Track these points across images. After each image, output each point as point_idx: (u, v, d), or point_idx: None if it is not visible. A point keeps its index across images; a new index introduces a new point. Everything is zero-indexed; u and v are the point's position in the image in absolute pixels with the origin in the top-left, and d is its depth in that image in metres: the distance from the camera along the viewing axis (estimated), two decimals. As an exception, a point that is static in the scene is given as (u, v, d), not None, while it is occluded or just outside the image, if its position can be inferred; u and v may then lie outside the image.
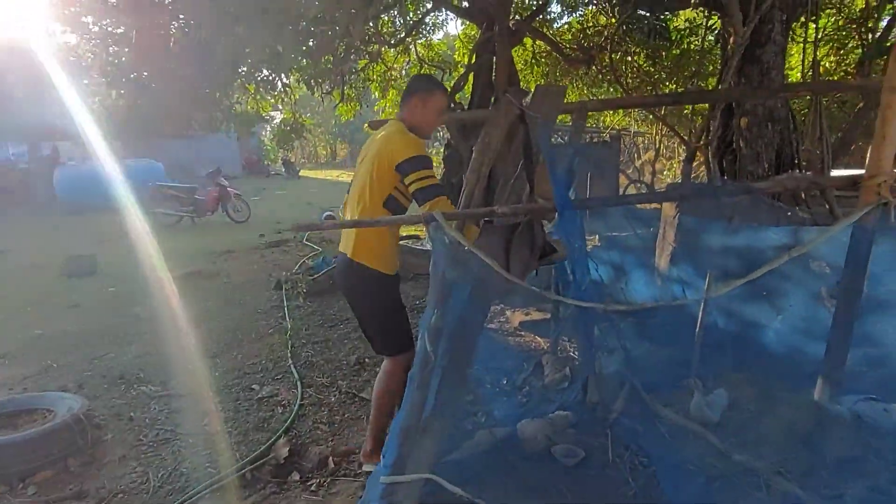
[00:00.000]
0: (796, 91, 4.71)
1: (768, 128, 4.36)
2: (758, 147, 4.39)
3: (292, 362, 4.17)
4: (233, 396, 3.70)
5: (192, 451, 3.06)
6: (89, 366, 4.24)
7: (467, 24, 10.46)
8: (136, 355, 4.42)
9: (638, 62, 9.48)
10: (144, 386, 3.88)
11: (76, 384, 3.92)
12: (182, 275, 6.89)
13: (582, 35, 9.88)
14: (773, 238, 3.31)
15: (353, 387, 3.76)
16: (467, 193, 1.92)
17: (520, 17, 8.88)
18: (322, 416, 3.40)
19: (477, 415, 3.18)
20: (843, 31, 8.66)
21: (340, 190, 20.57)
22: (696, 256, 3.75)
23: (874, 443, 2.48)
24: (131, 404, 3.63)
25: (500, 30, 7.01)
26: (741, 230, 3.52)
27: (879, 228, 1.63)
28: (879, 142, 1.47)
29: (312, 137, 39.32)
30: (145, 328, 5.03)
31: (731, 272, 3.38)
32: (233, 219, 11.95)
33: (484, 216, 1.85)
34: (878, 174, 1.44)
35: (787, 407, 2.64)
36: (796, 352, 3.03)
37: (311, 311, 5.44)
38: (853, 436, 2.20)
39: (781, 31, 4.30)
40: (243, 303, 5.89)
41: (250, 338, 4.80)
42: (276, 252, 8.67)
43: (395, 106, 11.55)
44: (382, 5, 5.95)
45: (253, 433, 3.23)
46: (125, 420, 3.44)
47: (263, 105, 9.39)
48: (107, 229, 10.49)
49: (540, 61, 10.61)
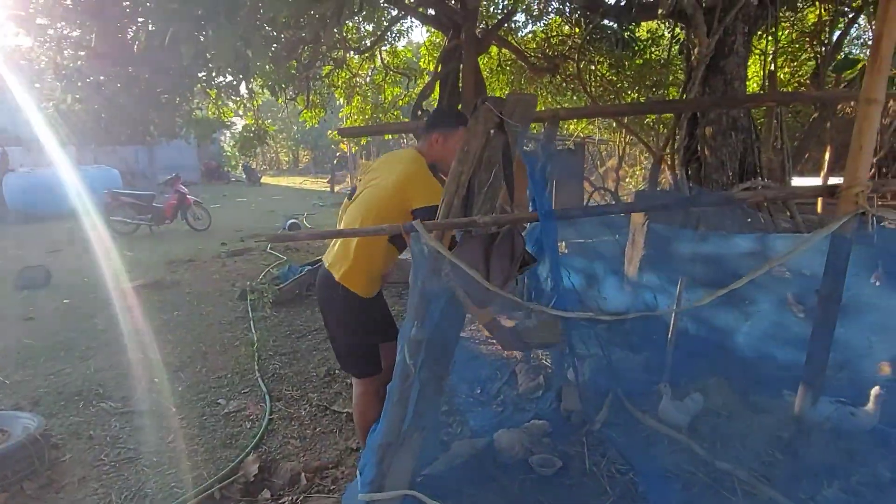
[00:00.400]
0: (761, 101, 4.84)
1: (732, 137, 4.47)
2: (722, 155, 4.49)
3: (259, 375, 4.05)
4: (198, 412, 3.56)
5: (157, 471, 2.93)
6: (45, 382, 4.04)
7: (433, 32, 10.46)
8: (94, 370, 4.23)
9: (601, 71, 9.65)
10: (104, 402, 3.71)
11: (31, 402, 3.72)
12: (141, 285, 6.66)
13: (546, 44, 10.00)
14: (740, 245, 3.38)
15: (324, 399, 3.67)
16: (447, 203, 1.89)
17: (486, 25, 8.93)
18: (293, 430, 3.31)
19: (453, 426, 3.14)
20: (797, 43, 8.99)
21: (303, 196, 20.32)
22: (665, 263, 3.80)
23: (843, 445, 2.55)
24: (90, 422, 3.46)
25: (467, 38, 7.02)
26: (709, 238, 3.59)
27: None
28: (856, 152, 1.50)
29: (274, 144, 38.77)
30: (103, 342, 4.83)
31: (700, 279, 3.44)
32: (193, 227, 11.64)
33: (465, 226, 1.81)
34: (855, 184, 1.47)
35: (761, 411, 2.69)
36: (766, 356, 3.09)
37: (277, 322, 5.31)
38: (826, 439, 2.24)
39: (743, 42, 4.42)
40: (206, 314, 5.72)
41: (215, 350, 4.65)
42: (239, 261, 8.47)
43: (360, 113, 11.48)
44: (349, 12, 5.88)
45: (220, 450, 3.11)
46: (84, 439, 3.27)
47: (225, 111, 9.18)
48: (60, 239, 10.09)
49: (505, 69, 10.69)
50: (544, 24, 10.27)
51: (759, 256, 3.24)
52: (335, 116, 18.87)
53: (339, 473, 2.88)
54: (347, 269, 2.45)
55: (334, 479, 2.82)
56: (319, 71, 9.24)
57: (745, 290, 3.40)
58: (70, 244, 9.32)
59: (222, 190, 22.30)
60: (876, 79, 1.53)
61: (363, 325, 2.57)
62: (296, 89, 8.54)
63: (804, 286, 3.16)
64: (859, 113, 1.50)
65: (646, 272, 3.86)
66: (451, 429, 3.11)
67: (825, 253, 1.75)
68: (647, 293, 3.76)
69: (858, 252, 1.93)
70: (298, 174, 34.58)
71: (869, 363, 2.99)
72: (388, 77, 10.85)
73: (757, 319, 3.32)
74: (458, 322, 2.28)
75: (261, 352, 4.53)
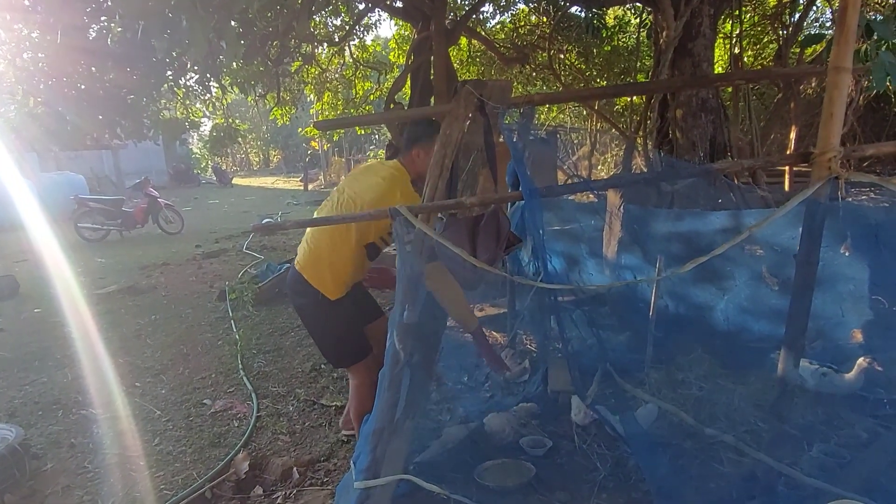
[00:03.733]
0: (730, 80, 4.94)
1: (701, 118, 4.56)
2: (693, 136, 4.58)
3: (244, 374, 4.01)
4: (183, 413, 3.52)
5: (145, 474, 2.89)
6: (20, 392, 3.93)
7: (401, 25, 10.42)
8: (71, 378, 4.13)
9: (570, 60, 9.73)
10: (84, 410, 3.63)
11: (6, 413, 3.62)
12: (115, 291, 6.52)
13: (515, 34, 10.05)
14: (715, 222, 3.46)
15: (311, 394, 3.65)
16: (431, 186, 1.89)
17: (455, 16, 8.93)
18: (281, 426, 3.28)
19: (442, 413, 3.16)
20: (759, 26, 9.18)
21: (276, 196, 20.07)
22: (643, 244, 3.86)
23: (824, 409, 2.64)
24: (71, 430, 3.39)
25: (437, 29, 7.01)
26: (685, 216, 3.66)
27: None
28: (827, 119, 1.54)
29: (244, 144, 38.21)
30: (79, 349, 4.72)
31: (677, 257, 3.51)
32: (165, 230, 11.43)
33: (451, 208, 1.82)
34: (828, 150, 1.52)
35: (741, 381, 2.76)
36: (745, 328, 3.17)
37: (259, 321, 5.25)
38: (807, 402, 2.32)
39: (710, 25, 4.51)
40: (185, 316, 5.63)
41: (197, 351, 4.59)
42: (215, 262, 8.34)
43: (331, 109, 11.38)
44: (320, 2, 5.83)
45: (209, 449, 3.08)
46: (66, 447, 3.20)
47: (194, 111, 9.02)
48: (24, 248, 9.80)
49: (476, 60, 10.72)
50: (512, 14, 10.33)
51: (733, 232, 3.32)
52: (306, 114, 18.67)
53: (331, 466, 2.87)
54: (318, 273, 2.52)
55: (327, 472, 2.81)
56: (289, 67, 9.13)
57: (722, 267, 3.49)
58: (36, 253, 9.06)
59: (193, 193, 21.88)
60: (843, 48, 1.58)
61: (342, 320, 2.62)
62: (265, 87, 8.42)
63: (777, 261, 3.25)
64: (829, 81, 1.55)
65: (624, 253, 3.92)
66: (441, 416, 3.13)
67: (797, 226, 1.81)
68: (626, 273, 3.82)
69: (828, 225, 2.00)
70: (270, 174, 34.13)
71: (842, 331, 3.09)
72: (359, 72, 10.78)
73: (734, 294, 3.41)
74: (445, 307, 2.29)
75: (244, 351, 4.48)
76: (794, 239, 1.84)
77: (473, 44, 10.43)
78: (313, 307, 2.59)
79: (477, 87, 1.93)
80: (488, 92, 2.00)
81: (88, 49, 4.81)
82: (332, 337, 2.69)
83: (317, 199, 17.18)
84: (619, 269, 3.97)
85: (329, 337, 2.70)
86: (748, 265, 3.37)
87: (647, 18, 6.33)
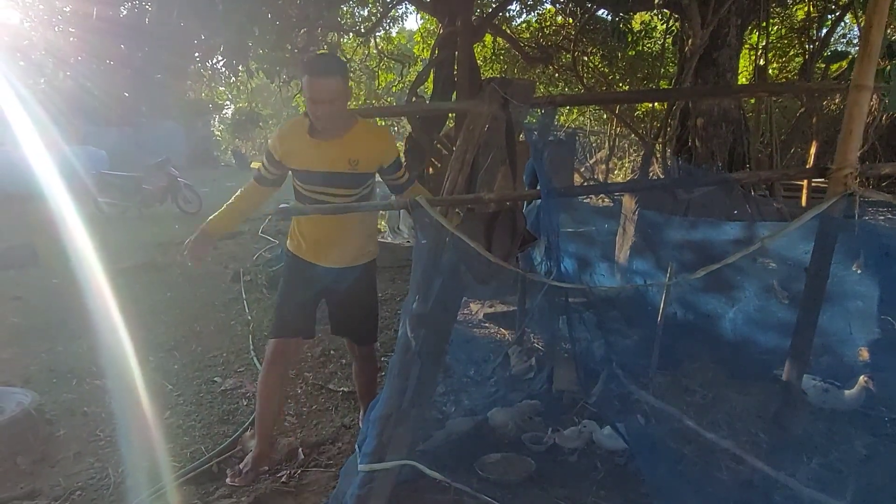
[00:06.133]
0: (753, 91, 4.94)
1: (722, 128, 4.56)
2: (712, 146, 4.58)
3: (255, 354, 4.08)
4: (194, 389, 3.60)
5: (154, 446, 2.96)
6: (36, 360, 4.03)
7: (427, 19, 10.44)
8: (86, 349, 4.23)
9: (594, 62, 9.72)
10: (98, 380, 3.72)
11: (22, 379, 3.71)
12: (132, 266, 6.64)
13: (540, 34, 10.05)
14: (729, 232, 3.48)
15: (319, 378, 3.72)
16: (451, 180, 1.94)
17: (481, 13, 8.95)
18: (289, 407, 3.35)
19: (447, 405, 3.21)
20: (786, 39, 9.11)
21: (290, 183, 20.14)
22: (655, 250, 3.88)
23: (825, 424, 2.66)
24: (84, 399, 3.48)
25: (463, 25, 7.04)
26: (699, 225, 3.68)
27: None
28: (846, 136, 1.57)
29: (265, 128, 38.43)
30: (95, 321, 4.81)
31: (689, 264, 3.53)
32: (183, 210, 11.55)
33: (470, 202, 1.87)
34: (845, 166, 1.54)
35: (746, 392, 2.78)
36: (751, 340, 3.19)
37: (271, 303, 5.30)
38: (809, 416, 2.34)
39: (736, 35, 4.50)
40: (199, 295, 5.72)
41: (209, 330, 4.67)
42: (231, 244, 8.43)
43: (354, 98, 11.43)
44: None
45: (217, 426, 3.15)
46: (78, 415, 3.29)
47: (218, 93, 9.13)
48: (43, 218, 9.94)
49: (499, 58, 10.72)
50: (538, 13, 10.32)
51: (746, 243, 3.33)
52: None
53: (335, 450, 2.92)
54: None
55: (331, 455, 2.87)
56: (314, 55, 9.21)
57: (733, 277, 3.50)
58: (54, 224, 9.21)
59: (211, 174, 22.07)
60: (866, 66, 1.60)
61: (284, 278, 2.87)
62: (290, 73, 8.50)
63: (789, 275, 3.26)
64: (850, 98, 1.57)
65: (636, 258, 3.94)
66: (446, 407, 3.18)
67: (811, 241, 1.83)
68: (637, 278, 3.84)
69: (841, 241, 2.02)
70: (287, 160, 34.24)
71: (850, 348, 3.10)
72: (382, 63, 10.83)
73: (743, 304, 3.42)
74: (457, 298, 2.34)
75: (256, 332, 4.55)
76: (808, 253, 1.86)
77: (498, 41, 10.45)
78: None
79: (502, 86, 1.96)
80: (512, 91, 2.04)
81: (120, 27, 4.90)
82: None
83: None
84: (631, 274, 4.00)
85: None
86: (759, 277, 3.38)
87: (673, 25, 6.32)
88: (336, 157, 2.46)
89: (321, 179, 2.52)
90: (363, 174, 2.54)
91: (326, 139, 2.45)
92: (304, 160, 2.51)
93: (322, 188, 2.55)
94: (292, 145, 2.52)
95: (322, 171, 2.49)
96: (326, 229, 2.62)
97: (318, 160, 2.47)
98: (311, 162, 2.49)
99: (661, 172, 5.54)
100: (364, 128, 2.56)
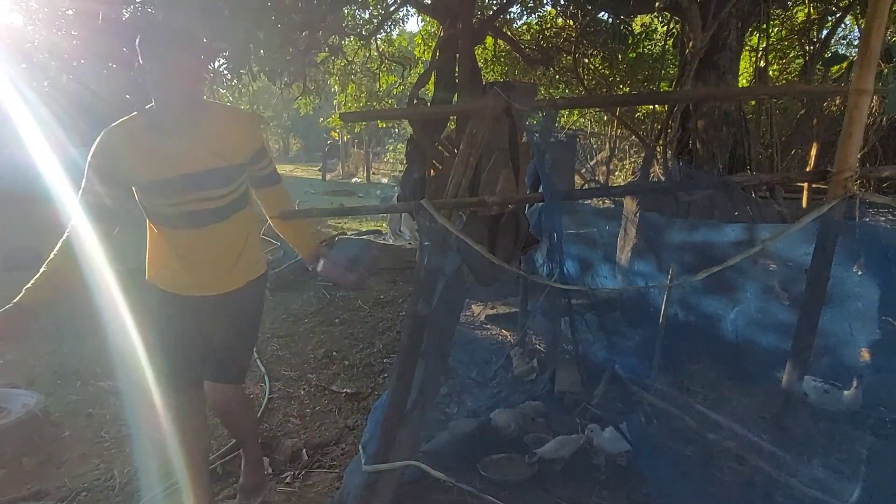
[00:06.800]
0: (754, 94, 4.96)
1: (723, 130, 4.58)
2: (713, 148, 4.60)
3: (258, 356, 4.10)
4: (198, 391, 3.61)
5: (159, 447, 2.97)
6: (40, 361, 4.05)
7: (428, 21, 10.46)
8: (91, 350, 4.24)
9: (594, 64, 9.73)
10: (102, 382, 3.74)
11: (27, 381, 3.74)
12: (138, 267, 6.61)
13: (541, 36, 10.06)
14: (730, 234, 3.50)
15: (322, 380, 3.74)
16: (455, 183, 1.96)
17: (482, 15, 8.96)
18: (292, 409, 3.37)
19: (450, 406, 3.23)
20: (786, 41, 9.13)
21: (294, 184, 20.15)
22: (656, 251, 3.90)
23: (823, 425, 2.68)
24: (89, 401, 3.50)
25: (464, 28, 7.04)
26: (700, 227, 3.70)
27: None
28: (846, 140, 1.59)
29: (265, 131, 38.50)
30: (99, 323, 4.82)
31: (690, 266, 3.55)
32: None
33: (474, 205, 1.89)
34: (845, 169, 1.56)
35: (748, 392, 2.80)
36: (753, 341, 3.20)
37: (274, 305, 5.35)
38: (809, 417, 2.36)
39: (737, 37, 4.52)
40: (202, 297, 5.73)
41: (212, 332, 4.68)
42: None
43: (354, 100, 11.48)
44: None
45: (221, 427, 3.15)
46: (83, 417, 3.31)
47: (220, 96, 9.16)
48: (48, 221, 9.96)
49: (500, 60, 10.74)
50: (539, 16, 10.33)
51: (747, 245, 3.35)
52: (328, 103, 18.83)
53: (339, 451, 2.95)
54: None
55: (335, 457, 2.89)
56: (315, 58, 9.23)
57: (734, 279, 3.52)
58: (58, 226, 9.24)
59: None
60: (865, 70, 1.62)
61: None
62: (292, 76, 8.53)
63: (790, 276, 3.28)
64: (850, 102, 1.59)
65: (638, 260, 3.96)
66: (448, 408, 3.20)
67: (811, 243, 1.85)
68: (639, 280, 3.86)
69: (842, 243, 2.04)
70: (289, 161, 34.36)
71: (850, 349, 3.12)
72: (384, 65, 10.85)
73: (744, 306, 3.44)
74: (460, 300, 2.36)
75: (258, 334, 4.56)
76: (808, 255, 1.89)
77: (499, 44, 10.46)
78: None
79: (505, 89, 1.98)
80: (515, 94, 2.06)
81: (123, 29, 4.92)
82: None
83: (335, 190, 17.30)
84: (632, 276, 4.02)
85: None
86: (760, 279, 3.40)
87: (674, 28, 6.34)
88: (198, 152, 1.94)
89: (186, 185, 1.94)
90: (236, 166, 2.02)
91: (178, 132, 1.92)
92: (154, 167, 1.93)
93: (193, 195, 1.96)
94: (129, 152, 1.92)
95: (184, 175, 1.92)
96: (196, 246, 2.07)
97: (174, 162, 1.92)
98: (164, 167, 1.92)
99: (662, 174, 5.56)
100: (221, 110, 2.17)
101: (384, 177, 22.16)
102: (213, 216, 2.01)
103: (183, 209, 1.97)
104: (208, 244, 2.05)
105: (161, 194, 1.95)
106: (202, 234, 2.03)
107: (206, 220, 2.01)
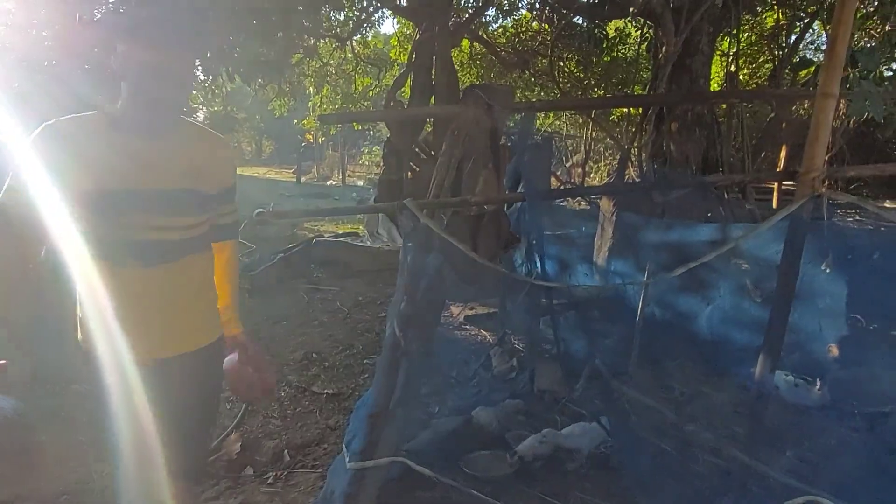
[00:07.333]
0: (725, 97, 5.09)
1: (696, 132, 4.69)
2: (686, 150, 4.71)
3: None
4: (176, 394, 3.57)
5: (138, 449, 2.94)
6: (13, 366, 3.96)
7: (404, 24, 10.49)
8: (67, 353, 4.16)
9: (569, 68, 9.87)
10: (77, 385, 3.68)
11: (2, 386, 3.65)
12: (108, 272, 6.52)
13: (516, 39, 10.17)
14: (703, 234, 3.59)
15: (302, 381, 3.72)
16: (437, 184, 1.99)
17: (458, 18, 9.02)
18: (273, 410, 3.35)
19: (431, 405, 3.25)
20: (756, 46, 9.37)
21: (268, 187, 20.02)
22: (633, 251, 3.99)
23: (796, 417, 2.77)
24: (65, 405, 3.44)
25: (441, 30, 7.09)
26: (674, 227, 3.79)
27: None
28: (813, 142, 1.66)
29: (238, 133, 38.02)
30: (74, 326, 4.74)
31: (665, 265, 3.63)
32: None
33: (456, 205, 1.92)
34: (812, 169, 1.63)
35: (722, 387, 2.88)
36: (726, 337, 3.29)
37: (251, 309, 5.31)
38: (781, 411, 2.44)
39: (708, 42, 4.64)
40: (178, 300, 5.66)
41: (190, 335, 4.63)
42: (208, 250, 8.35)
43: (329, 102, 11.45)
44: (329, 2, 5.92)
45: (206, 429, 3.14)
46: (59, 420, 3.25)
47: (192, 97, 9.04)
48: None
49: (476, 63, 10.82)
50: (514, 19, 10.45)
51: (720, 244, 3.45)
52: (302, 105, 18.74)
53: (321, 451, 2.94)
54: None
55: (317, 456, 2.88)
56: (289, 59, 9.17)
57: (708, 277, 3.61)
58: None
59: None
60: (831, 75, 1.70)
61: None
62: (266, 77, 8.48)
63: (761, 274, 3.38)
64: (816, 106, 1.67)
65: (614, 259, 4.04)
66: (430, 408, 3.22)
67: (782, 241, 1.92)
68: (616, 279, 3.94)
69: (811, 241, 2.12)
70: (262, 164, 33.98)
71: (819, 344, 3.23)
72: (359, 67, 10.85)
73: (718, 304, 3.53)
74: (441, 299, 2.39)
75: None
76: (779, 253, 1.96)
77: (475, 46, 10.54)
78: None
79: (485, 92, 2.02)
80: (494, 96, 2.10)
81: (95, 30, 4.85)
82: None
83: (310, 192, 17.20)
84: (609, 275, 4.09)
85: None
86: (733, 277, 3.50)
87: (647, 32, 6.47)
88: (171, 166, 1.53)
89: (155, 202, 1.50)
90: (209, 195, 1.60)
91: (150, 138, 1.51)
92: (113, 173, 1.46)
93: (158, 218, 1.51)
94: (80, 150, 1.44)
95: (156, 189, 1.49)
96: (149, 295, 1.56)
97: (142, 171, 1.48)
98: (129, 175, 1.47)
99: (637, 176, 5.67)
100: (197, 129, 1.68)
101: (360, 179, 22.11)
102: (174, 252, 1.55)
103: (137, 237, 1.49)
104: (155, 290, 1.56)
105: (115, 209, 1.45)
106: (151, 278, 1.54)
107: (165, 257, 1.54)
